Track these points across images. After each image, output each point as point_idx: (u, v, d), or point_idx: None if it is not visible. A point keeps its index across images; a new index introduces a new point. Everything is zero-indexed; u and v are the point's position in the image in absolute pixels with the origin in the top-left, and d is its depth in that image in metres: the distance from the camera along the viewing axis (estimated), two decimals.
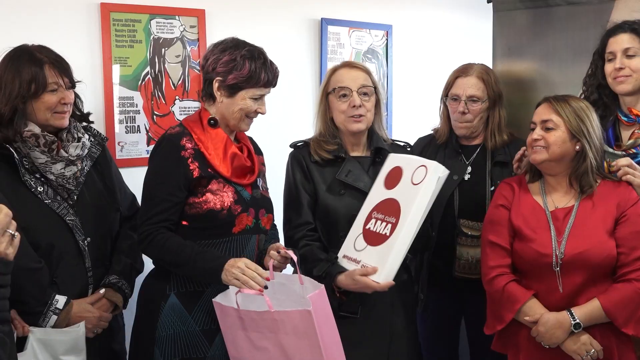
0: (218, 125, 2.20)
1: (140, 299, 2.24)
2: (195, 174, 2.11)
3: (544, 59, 3.00)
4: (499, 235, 2.27)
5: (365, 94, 2.36)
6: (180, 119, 2.80)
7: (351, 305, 2.31)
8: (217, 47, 2.18)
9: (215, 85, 2.15)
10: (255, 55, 2.16)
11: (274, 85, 2.23)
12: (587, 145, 2.16)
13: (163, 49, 2.80)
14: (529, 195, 2.29)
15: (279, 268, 2.21)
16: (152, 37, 2.77)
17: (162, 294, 2.16)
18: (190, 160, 2.12)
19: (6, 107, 1.98)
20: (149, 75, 2.78)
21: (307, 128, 2.67)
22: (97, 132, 2.28)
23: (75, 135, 2.14)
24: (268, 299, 2.02)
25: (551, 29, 2.96)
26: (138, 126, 2.77)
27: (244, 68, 2.12)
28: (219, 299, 2.11)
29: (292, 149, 2.48)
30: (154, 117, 2.81)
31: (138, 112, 2.77)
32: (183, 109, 2.84)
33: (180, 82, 2.85)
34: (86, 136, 2.18)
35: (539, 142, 2.21)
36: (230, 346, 2.14)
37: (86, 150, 2.17)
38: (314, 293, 2.03)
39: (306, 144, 2.46)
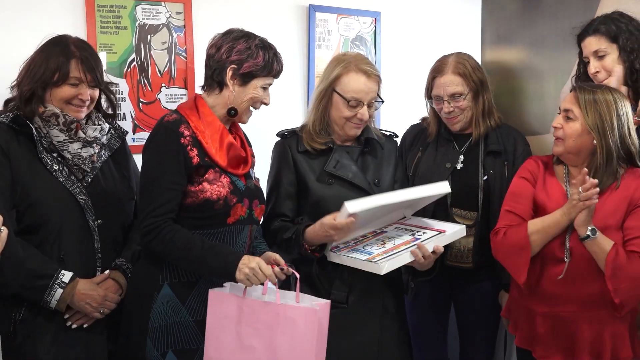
0: (237, 114, 2.19)
1: (131, 288, 2.19)
2: (195, 161, 2.10)
3: (533, 46, 3.00)
4: (517, 203, 2.28)
5: (371, 105, 2.37)
6: (167, 107, 2.78)
7: (340, 295, 2.31)
8: (227, 36, 2.18)
9: (230, 73, 2.15)
10: (267, 45, 2.20)
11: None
12: (600, 142, 2.12)
13: (149, 36, 2.77)
14: (554, 178, 2.29)
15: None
16: (137, 23, 2.73)
17: (155, 285, 2.13)
18: (189, 147, 2.10)
19: (27, 88, 2.08)
20: (134, 62, 2.74)
21: (294, 117, 2.65)
22: (119, 125, 2.34)
23: (96, 122, 2.20)
24: (278, 292, 2.03)
25: (540, 16, 2.96)
26: (124, 114, 2.74)
27: (258, 56, 2.15)
28: (218, 288, 2.09)
29: (279, 138, 2.46)
30: (140, 104, 2.77)
31: (123, 99, 2.73)
32: (169, 96, 2.81)
33: (166, 69, 2.82)
34: (106, 125, 2.24)
35: (558, 132, 2.20)
36: (211, 345, 2.10)
37: (104, 137, 2.22)
38: (320, 302, 2.05)
39: (293, 133, 2.44)
